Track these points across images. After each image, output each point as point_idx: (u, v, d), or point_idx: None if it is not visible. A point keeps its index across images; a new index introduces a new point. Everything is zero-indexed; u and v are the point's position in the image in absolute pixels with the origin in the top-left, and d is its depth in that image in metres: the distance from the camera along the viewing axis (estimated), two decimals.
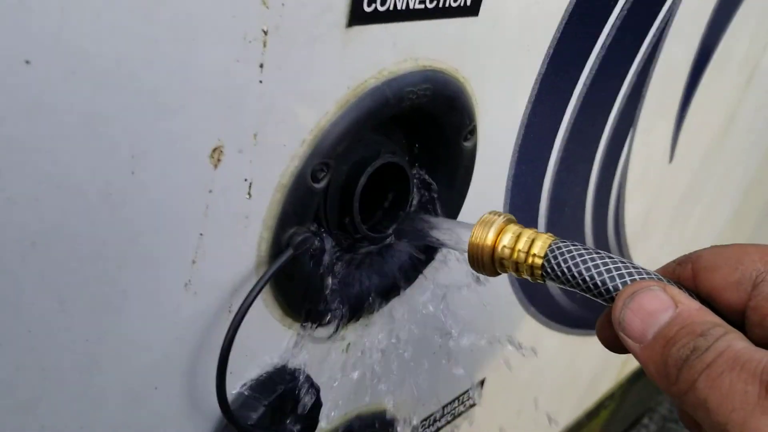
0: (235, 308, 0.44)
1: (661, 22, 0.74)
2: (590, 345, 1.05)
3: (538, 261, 0.40)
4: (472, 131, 0.55)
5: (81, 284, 0.35)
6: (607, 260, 0.38)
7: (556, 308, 0.89)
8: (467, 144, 0.56)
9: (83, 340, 0.37)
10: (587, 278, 0.38)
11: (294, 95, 0.40)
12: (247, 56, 0.35)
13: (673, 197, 1.05)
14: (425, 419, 0.75)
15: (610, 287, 0.37)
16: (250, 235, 0.43)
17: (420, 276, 0.60)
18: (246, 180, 0.40)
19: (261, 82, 0.37)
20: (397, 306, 0.60)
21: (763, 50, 1.07)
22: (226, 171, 0.38)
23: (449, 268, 0.63)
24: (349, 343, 0.57)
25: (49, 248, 0.33)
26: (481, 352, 0.78)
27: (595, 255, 0.39)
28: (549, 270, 0.40)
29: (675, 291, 0.34)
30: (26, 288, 0.33)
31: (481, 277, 0.68)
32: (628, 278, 0.37)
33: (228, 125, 0.37)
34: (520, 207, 0.70)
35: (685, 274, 0.37)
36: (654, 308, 0.33)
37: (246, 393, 0.49)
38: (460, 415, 0.81)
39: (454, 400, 0.78)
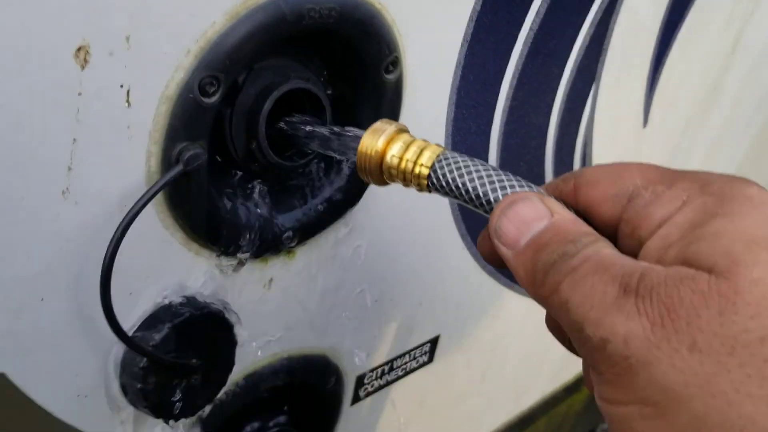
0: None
1: None
2: None
3: (425, 171, 0.40)
4: (395, 62, 0.54)
5: None
6: (491, 173, 0.38)
7: None
8: (390, 76, 0.54)
9: None
10: (470, 189, 0.38)
11: (171, 1, 0.39)
12: None
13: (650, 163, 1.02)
14: (371, 371, 0.74)
15: (491, 198, 0.37)
16: (136, 147, 0.42)
17: (355, 213, 0.59)
18: (122, 86, 0.40)
19: None
20: (328, 243, 0.59)
21: (750, 15, 1.04)
22: (95, 73, 0.38)
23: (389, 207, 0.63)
24: (271, 278, 0.57)
25: None
26: (431, 306, 0.77)
27: (480, 167, 0.38)
28: (434, 180, 0.39)
29: (552, 202, 0.35)
30: None
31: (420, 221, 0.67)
32: (509, 190, 0.37)
33: (92, 24, 0.36)
34: (466, 153, 0.68)
35: (567, 190, 0.38)
36: (530, 217, 0.34)
37: (149, 316, 0.48)
38: (413, 370, 0.80)
39: (404, 354, 0.77)
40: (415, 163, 0.40)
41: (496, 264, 0.38)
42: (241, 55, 0.44)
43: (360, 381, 0.74)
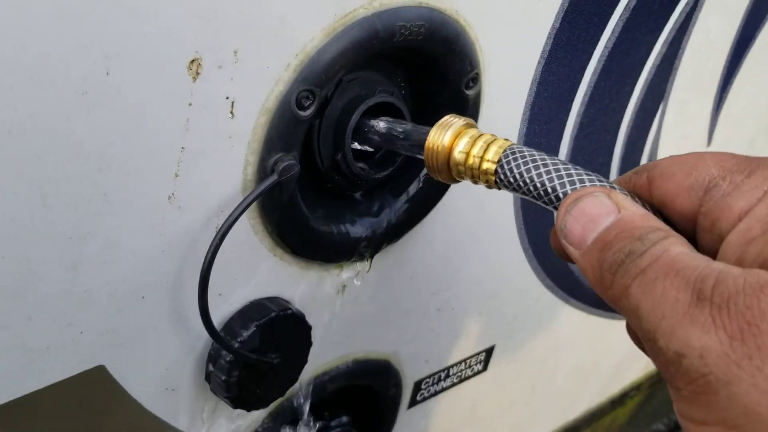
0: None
1: None
2: (616, 329, 1.03)
3: (492, 166, 0.38)
4: (475, 79, 0.55)
5: (61, 181, 0.37)
6: (560, 166, 0.36)
7: (576, 284, 0.88)
8: (470, 92, 0.56)
9: (66, 238, 0.39)
10: (538, 184, 0.36)
11: (275, 16, 0.41)
12: None
13: None
14: (428, 376, 0.75)
15: (560, 194, 0.35)
16: (235, 156, 0.44)
17: (424, 225, 0.60)
18: (228, 98, 0.42)
19: None
20: (399, 253, 0.61)
21: None
22: (205, 85, 0.40)
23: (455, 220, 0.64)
24: (344, 285, 0.58)
25: (25, 138, 0.35)
26: (489, 317, 0.77)
27: (548, 160, 0.37)
28: (502, 176, 0.38)
29: (620, 197, 0.33)
30: (6, 175, 0.35)
31: (485, 233, 0.68)
32: (579, 185, 0.35)
33: (206, 38, 0.39)
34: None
35: (640, 183, 0.36)
36: (595, 213, 0.32)
37: (236, 315, 0.51)
38: (467, 378, 0.81)
39: (460, 362, 0.78)
40: (482, 158, 0.39)
41: (568, 259, 0.36)
42: (335, 69, 0.46)
43: (417, 386, 0.75)
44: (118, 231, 0.41)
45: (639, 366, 1.22)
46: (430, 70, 0.53)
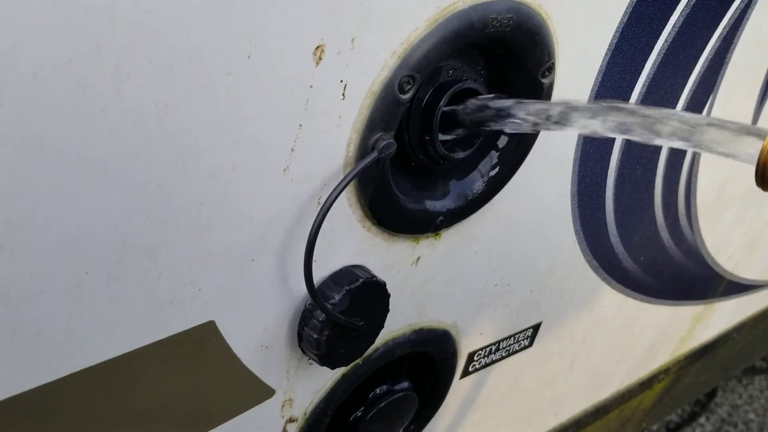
0: (323, 200, 0.50)
1: None
2: (650, 312, 1.07)
3: None
4: (551, 68, 0.59)
5: (201, 152, 0.42)
6: None
7: (618, 267, 0.92)
8: (545, 81, 0.59)
9: (199, 203, 0.44)
10: None
11: (389, 8, 0.45)
12: None
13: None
14: (481, 348, 0.79)
15: None
16: (342, 134, 0.49)
17: (491, 205, 0.64)
18: (342, 81, 0.46)
19: None
20: (467, 230, 0.65)
21: None
22: (325, 69, 0.44)
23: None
24: (419, 257, 0.63)
25: (178, 111, 0.39)
26: (540, 294, 0.82)
27: None
28: None
29: None
30: (159, 145, 0.40)
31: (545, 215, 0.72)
32: None
33: (329, 27, 0.43)
34: (592, 156, 0.73)
35: None
36: None
37: (329, 280, 0.55)
38: (514, 353, 0.86)
39: (509, 337, 0.82)
40: None
41: None
42: (433, 57, 0.50)
43: (471, 357, 0.79)
44: (240, 199, 0.46)
45: (668, 350, 1.26)
46: (512, 59, 0.56)
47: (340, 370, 0.64)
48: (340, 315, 0.54)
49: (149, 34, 0.36)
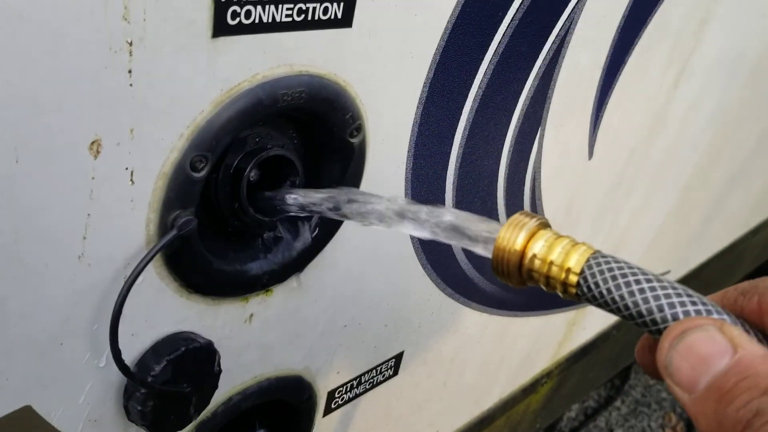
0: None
1: (561, 30, 0.81)
2: (519, 325, 1.13)
3: (573, 278, 0.35)
4: (359, 128, 0.63)
5: None
6: (655, 284, 0.33)
7: (476, 290, 0.97)
8: (354, 140, 0.63)
9: None
10: (630, 304, 0.33)
11: (166, 97, 0.47)
12: (115, 64, 0.43)
13: (597, 190, 1.13)
14: (341, 386, 0.83)
15: (657, 318, 0.32)
16: (138, 216, 0.50)
17: (324, 254, 0.67)
18: (127, 169, 0.48)
19: (131, 85, 0.45)
20: (301, 281, 0.68)
21: (692, 51, 1.14)
22: (106, 160, 0.46)
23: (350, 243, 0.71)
24: (251, 314, 0.65)
25: None
26: (395, 327, 0.86)
27: (641, 277, 0.34)
28: (585, 290, 0.35)
29: (735, 332, 0.29)
30: None
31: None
32: (679, 309, 0.32)
33: (104, 122, 0.45)
34: (424, 197, 0.78)
35: (750, 307, 0.31)
36: (707, 353, 0.28)
37: (149, 352, 0.57)
38: (379, 384, 0.89)
39: (371, 370, 0.86)
40: (561, 267, 0.36)
41: (660, 378, 0.33)
42: (225, 134, 0.52)
43: (331, 395, 0.83)
44: (35, 290, 0.47)
45: (547, 356, 1.33)
46: (317, 124, 0.60)
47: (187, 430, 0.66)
48: (163, 385, 0.56)
49: None
